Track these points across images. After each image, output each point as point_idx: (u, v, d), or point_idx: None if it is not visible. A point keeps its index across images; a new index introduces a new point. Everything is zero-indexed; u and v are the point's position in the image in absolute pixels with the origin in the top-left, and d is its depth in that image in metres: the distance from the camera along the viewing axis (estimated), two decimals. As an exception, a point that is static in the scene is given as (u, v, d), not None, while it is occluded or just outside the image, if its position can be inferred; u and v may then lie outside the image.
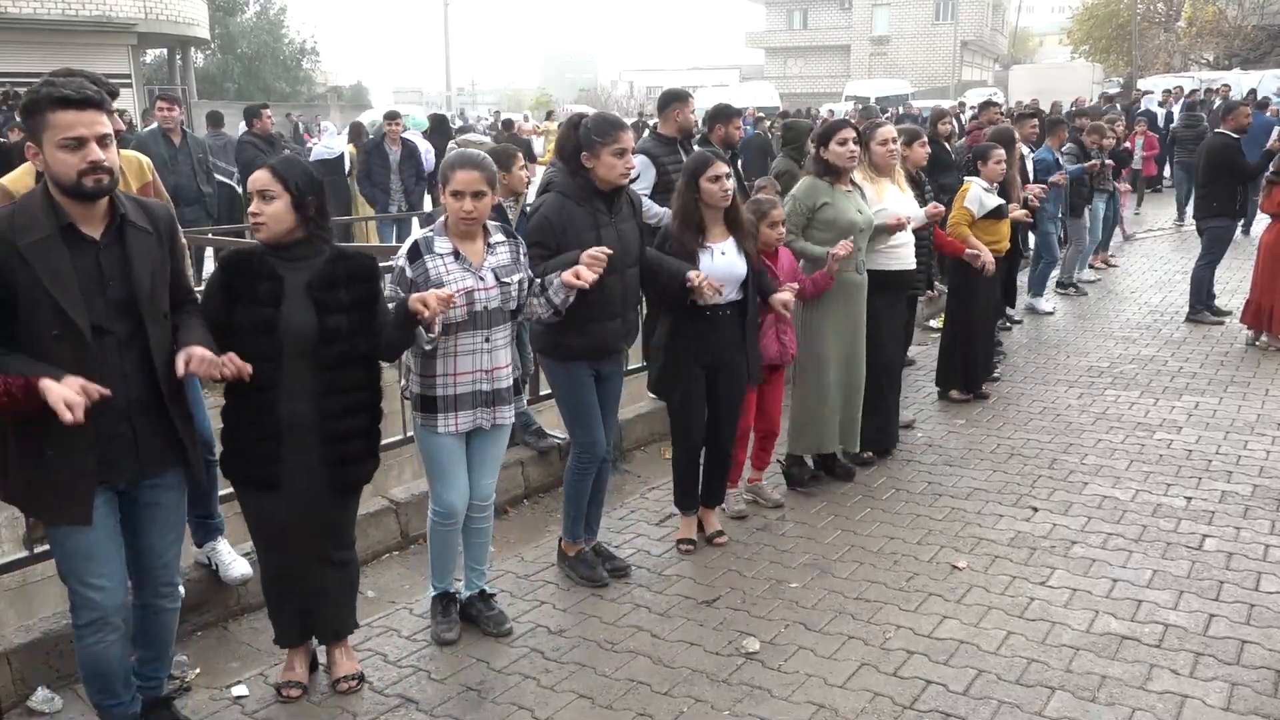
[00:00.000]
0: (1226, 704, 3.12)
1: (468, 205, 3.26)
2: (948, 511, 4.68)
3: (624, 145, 3.68)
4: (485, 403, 3.42)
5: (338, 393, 3.07)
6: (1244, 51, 36.63)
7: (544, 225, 3.71)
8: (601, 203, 3.76)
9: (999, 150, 6.22)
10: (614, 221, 3.77)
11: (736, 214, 4.10)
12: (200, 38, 30.43)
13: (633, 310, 3.94)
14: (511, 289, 3.41)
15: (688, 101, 6.13)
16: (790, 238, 4.71)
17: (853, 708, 3.16)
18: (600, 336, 3.78)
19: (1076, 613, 3.71)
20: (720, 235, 4.08)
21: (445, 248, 3.33)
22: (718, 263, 4.00)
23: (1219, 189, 8.08)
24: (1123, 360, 7.25)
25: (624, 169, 3.71)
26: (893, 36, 55.48)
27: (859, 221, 4.75)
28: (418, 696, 3.29)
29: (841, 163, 4.74)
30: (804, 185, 4.91)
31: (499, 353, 3.42)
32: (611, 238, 3.69)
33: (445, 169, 3.30)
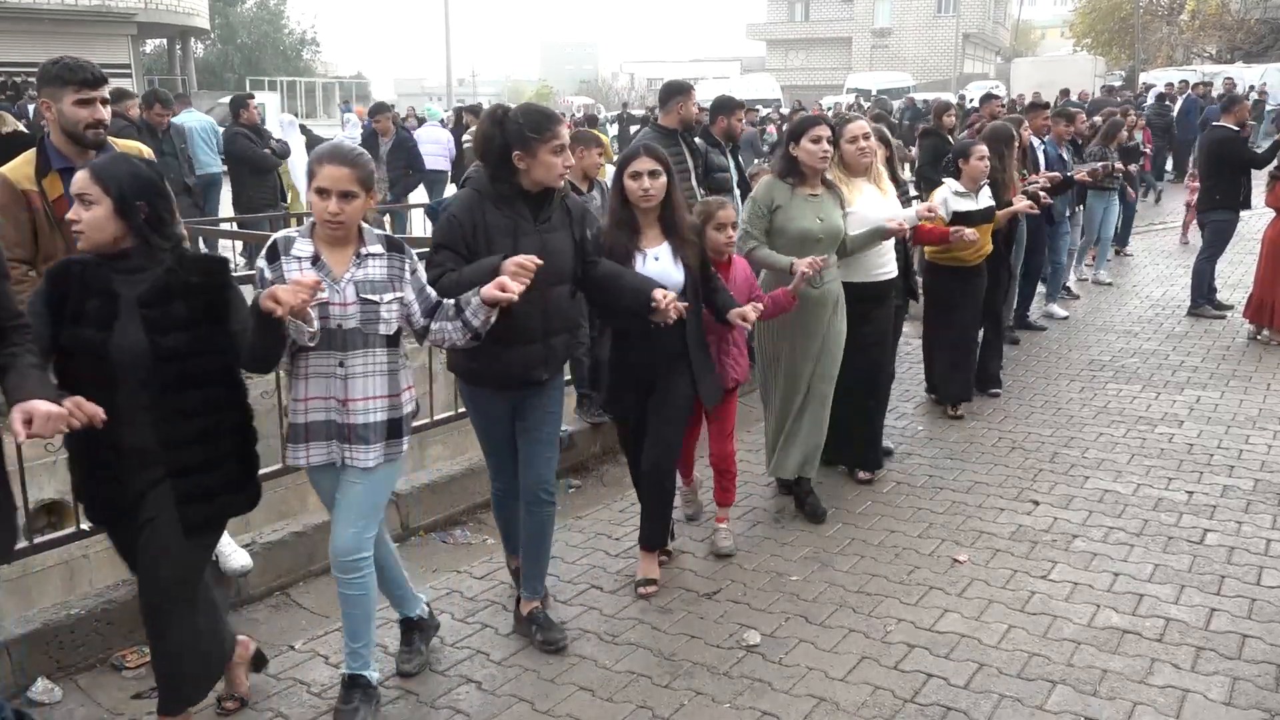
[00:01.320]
0: (1228, 698, 3.12)
1: (333, 206, 2.80)
2: (949, 505, 4.68)
3: (563, 140, 3.24)
4: (339, 437, 2.93)
5: (183, 418, 2.70)
6: (1246, 45, 36.56)
7: (453, 226, 3.22)
8: (526, 208, 3.26)
9: (980, 147, 5.69)
10: (539, 230, 3.26)
11: (671, 216, 3.72)
12: (200, 28, 30.40)
13: (558, 334, 3.38)
14: (379, 310, 2.90)
15: (690, 94, 6.11)
16: (751, 245, 4.28)
17: (853, 701, 3.16)
18: (513, 364, 3.28)
19: (1078, 607, 3.71)
20: (655, 239, 3.73)
21: (305, 250, 2.90)
22: (650, 269, 3.64)
23: (1221, 181, 8.06)
24: (1124, 354, 7.24)
25: (564, 168, 3.28)
26: (894, 29, 55.40)
27: (814, 230, 4.26)
28: (417, 689, 3.29)
29: (812, 163, 4.27)
30: (762, 185, 4.45)
31: (356, 382, 2.90)
32: (533, 249, 3.14)
33: (312, 162, 2.87)
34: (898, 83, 36.93)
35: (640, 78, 61.21)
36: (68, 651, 3.33)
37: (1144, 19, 39.69)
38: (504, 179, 3.23)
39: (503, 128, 3.21)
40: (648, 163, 3.64)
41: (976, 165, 5.61)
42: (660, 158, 3.67)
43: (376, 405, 2.94)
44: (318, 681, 3.34)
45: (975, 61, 56.00)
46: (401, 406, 3.02)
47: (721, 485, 4.30)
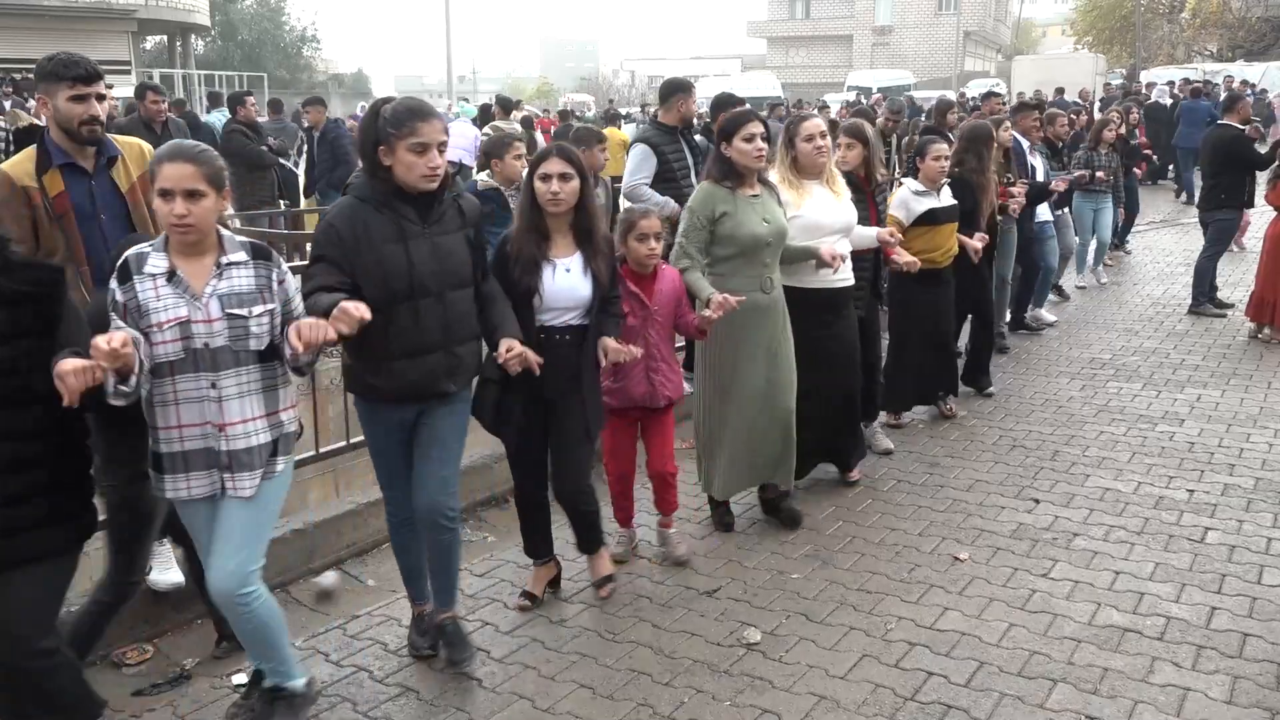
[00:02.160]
0: (1229, 697, 3.12)
1: (179, 207, 2.55)
2: (949, 503, 4.67)
3: (424, 139, 2.93)
4: (221, 465, 2.72)
5: None
6: (1247, 43, 36.53)
7: (330, 236, 2.97)
8: (411, 209, 3.03)
9: (939, 145, 5.40)
10: (429, 233, 3.05)
11: (584, 225, 3.49)
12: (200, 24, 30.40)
13: (462, 342, 3.17)
14: (248, 324, 2.67)
15: (690, 92, 6.12)
16: (685, 264, 3.97)
17: (854, 699, 3.16)
18: (413, 376, 3.07)
19: (1078, 605, 3.70)
20: (566, 248, 3.49)
21: (160, 266, 2.63)
22: (559, 281, 3.44)
23: (1226, 180, 8.04)
24: (1125, 352, 7.24)
25: (426, 169, 2.96)
26: (895, 26, 55.32)
27: (763, 234, 4.02)
28: (418, 686, 3.29)
29: (747, 162, 4.00)
30: (700, 193, 4.12)
31: (232, 404, 2.68)
32: (424, 253, 3.01)
33: (152, 164, 2.66)
34: (898, 80, 36.88)
35: (641, 75, 61.16)
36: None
37: (1145, 17, 39.68)
38: (379, 178, 3.02)
39: (376, 121, 3.01)
40: (559, 164, 3.40)
41: (932, 165, 5.36)
42: (574, 160, 3.42)
43: (258, 426, 2.74)
44: (318, 678, 3.33)
45: (976, 59, 55.94)
46: (283, 425, 2.82)
47: (663, 496, 4.13)
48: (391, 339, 3.00)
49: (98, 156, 3.42)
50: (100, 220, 3.38)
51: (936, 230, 5.42)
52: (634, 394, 3.90)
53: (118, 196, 3.43)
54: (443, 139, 2.99)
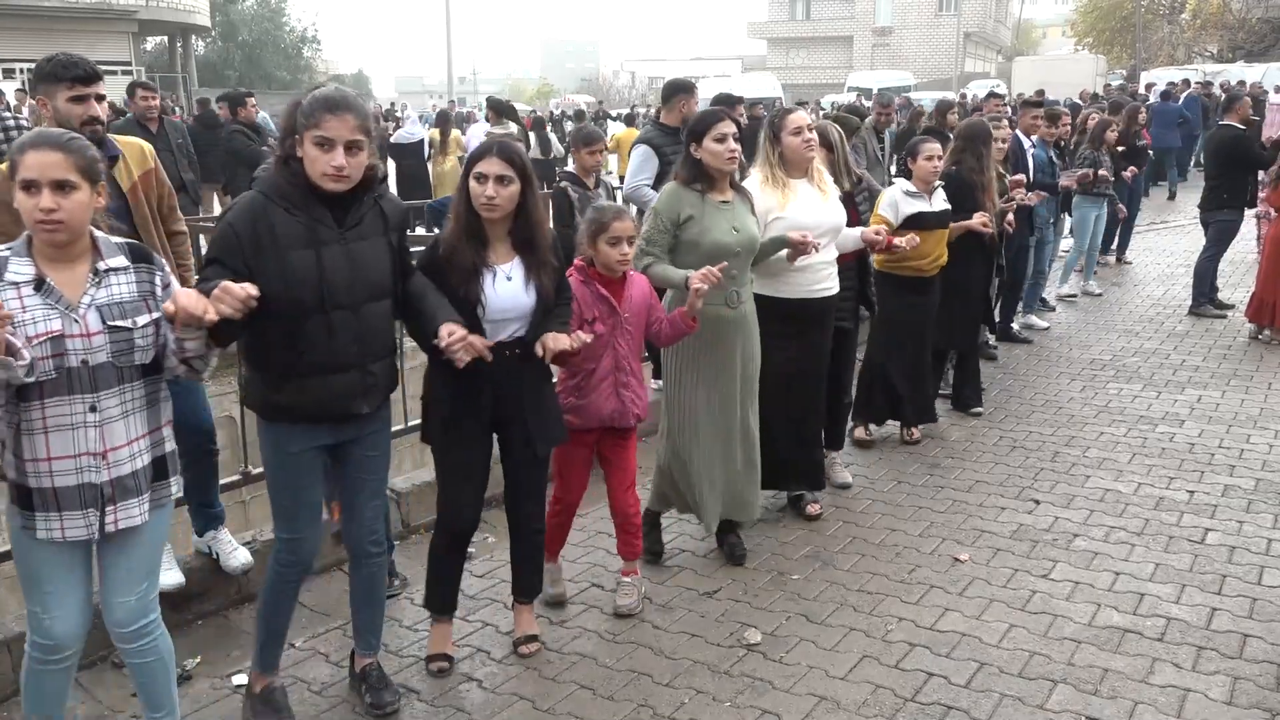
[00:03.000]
0: (1229, 698, 3.12)
1: (45, 200, 2.27)
2: (949, 504, 4.67)
3: (328, 134, 2.63)
4: (100, 500, 2.41)
5: None
6: (1248, 44, 36.54)
7: (228, 238, 2.66)
8: (326, 211, 2.73)
9: (931, 146, 5.11)
10: (345, 239, 2.75)
11: (525, 231, 3.16)
12: (201, 25, 30.43)
13: (379, 358, 2.88)
14: (134, 336, 2.40)
15: (693, 93, 6.13)
16: (647, 261, 3.71)
17: (854, 700, 3.16)
18: (321, 394, 2.76)
19: (1078, 606, 3.71)
20: (507, 254, 3.17)
21: (24, 273, 2.33)
22: (500, 290, 3.11)
23: (1228, 180, 8.04)
24: (1125, 353, 7.24)
25: (328, 168, 2.64)
26: (896, 28, 55.37)
27: (731, 243, 3.75)
28: (419, 687, 3.29)
29: (719, 164, 3.75)
30: (666, 194, 3.88)
31: (115, 427, 2.41)
32: (338, 261, 2.72)
33: (13, 153, 2.37)
34: (899, 81, 36.87)
35: (641, 76, 61.21)
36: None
37: (1145, 18, 39.70)
38: (290, 171, 2.72)
39: (296, 111, 2.72)
40: (496, 165, 3.05)
41: (924, 165, 5.09)
42: (515, 160, 3.08)
43: (141, 446, 2.49)
44: (318, 679, 3.33)
45: (976, 60, 55.98)
46: (164, 442, 2.57)
47: (625, 540, 3.77)
48: (299, 354, 2.71)
49: (98, 157, 3.41)
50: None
51: (924, 236, 4.97)
52: (601, 411, 3.53)
53: (118, 196, 3.42)
54: (354, 137, 2.65)
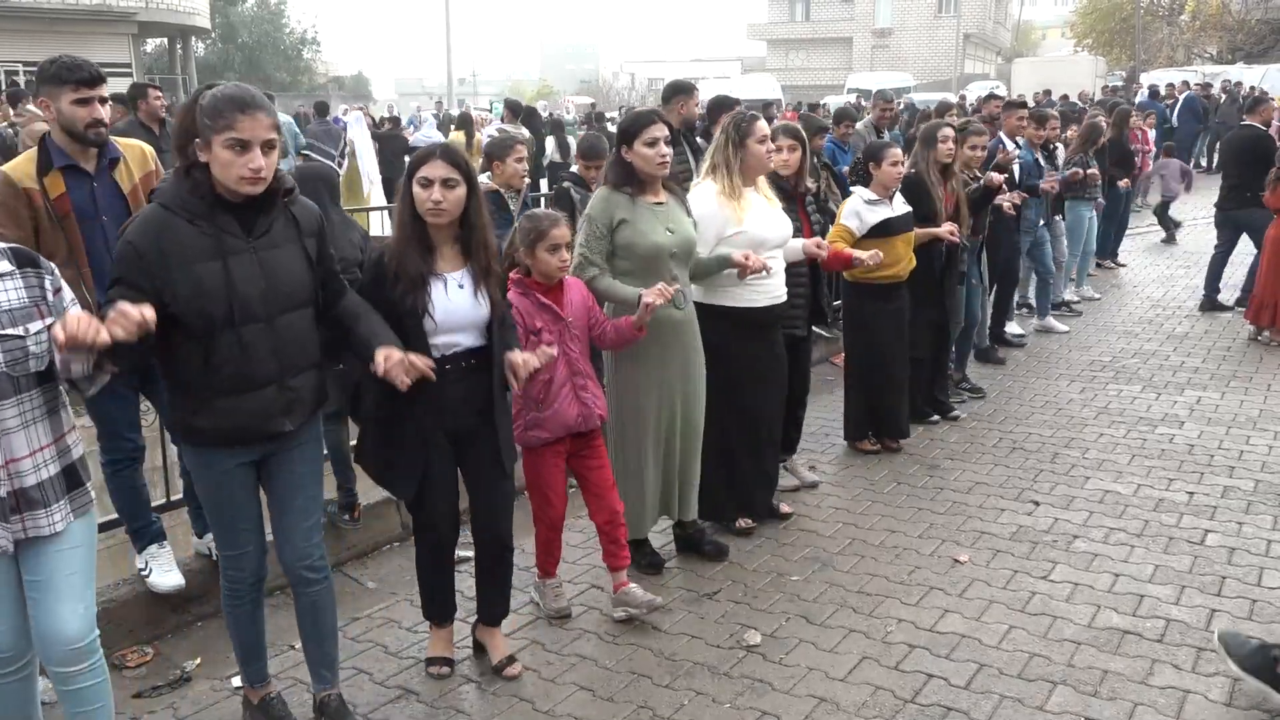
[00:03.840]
0: (1228, 699, 3.12)
1: None
2: (949, 505, 4.68)
3: (242, 134, 2.49)
4: (3, 513, 2.35)
5: None
6: (1247, 45, 36.56)
7: (129, 256, 2.52)
8: (232, 219, 2.60)
9: (895, 151, 5.02)
10: (254, 247, 2.62)
11: (472, 237, 3.07)
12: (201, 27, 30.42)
13: (299, 372, 2.75)
14: (28, 344, 2.33)
15: (693, 94, 6.12)
16: (592, 273, 3.66)
17: (854, 701, 3.16)
18: (238, 415, 2.65)
19: (1078, 607, 3.71)
20: (455, 262, 3.08)
21: None
22: (453, 299, 3.03)
23: (1250, 180, 8.01)
24: (1125, 355, 7.24)
25: (245, 171, 2.51)
26: (895, 29, 55.36)
27: (666, 244, 3.70)
28: (418, 688, 3.29)
29: (650, 169, 3.69)
30: (598, 199, 3.80)
31: (16, 437, 2.34)
32: (248, 271, 2.60)
33: None
34: (898, 83, 36.88)
35: (641, 78, 61.20)
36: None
37: (1145, 19, 39.71)
38: (193, 179, 2.58)
39: (193, 111, 2.56)
40: (441, 168, 2.95)
41: (890, 171, 4.98)
42: (459, 163, 3.00)
43: (47, 456, 2.41)
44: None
45: (976, 62, 55.96)
46: (70, 450, 2.50)
47: (612, 551, 3.68)
48: (212, 372, 2.59)
49: (99, 158, 3.43)
50: (102, 222, 3.39)
51: (892, 242, 4.99)
52: (567, 418, 3.49)
53: (119, 198, 3.44)
54: (268, 136, 2.54)
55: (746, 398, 4.22)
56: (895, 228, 5.03)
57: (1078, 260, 8.97)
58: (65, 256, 3.30)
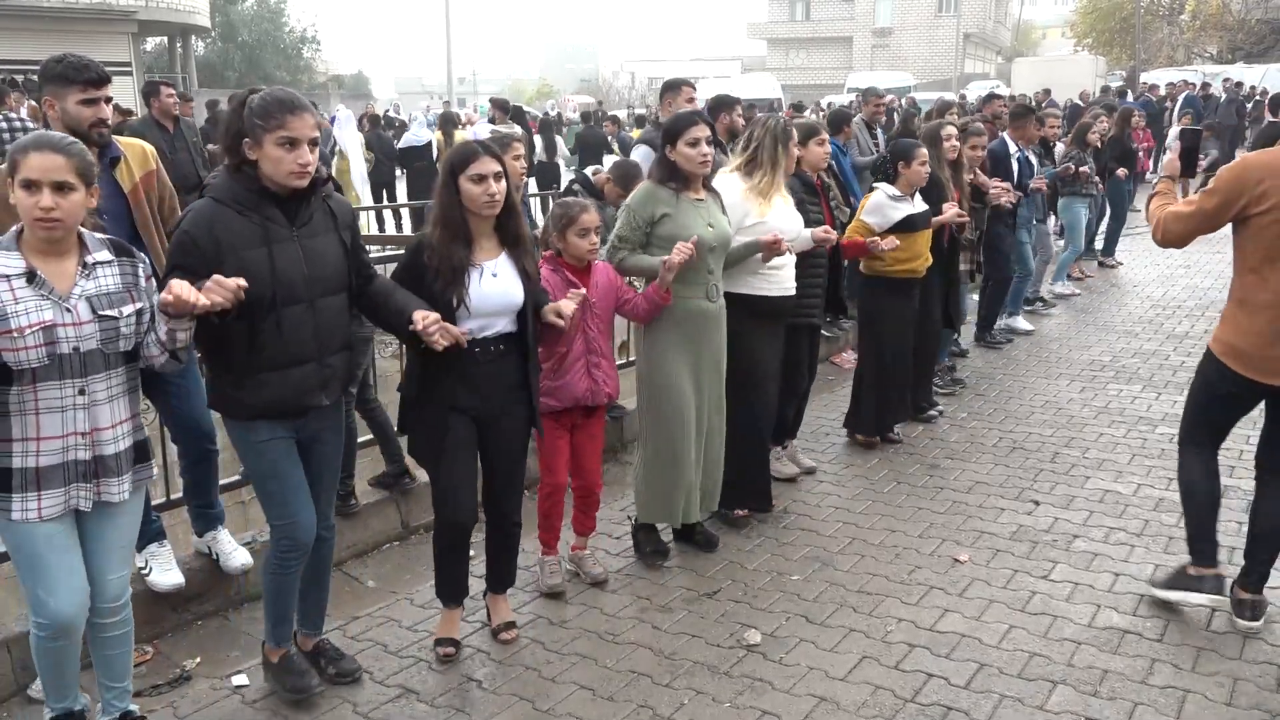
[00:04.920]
0: (1229, 699, 3.12)
1: (46, 200, 2.45)
2: (949, 505, 4.68)
3: (293, 133, 2.73)
4: (84, 475, 2.61)
5: None
6: (1247, 45, 36.58)
7: (186, 245, 2.75)
8: (277, 210, 2.84)
9: (923, 151, 5.15)
10: (297, 236, 2.87)
11: (512, 224, 3.28)
12: (201, 26, 30.41)
13: (335, 352, 3.00)
14: (120, 325, 2.59)
15: (681, 90, 6.09)
16: (622, 255, 3.89)
17: (854, 700, 3.16)
18: (281, 389, 2.88)
19: (1078, 607, 3.71)
20: (492, 250, 3.27)
21: (14, 266, 2.49)
22: (487, 287, 3.20)
23: None
24: (1125, 354, 7.24)
25: (295, 166, 2.75)
26: (895, 28, 55.39)
27: (708, 238, 3.85)
28: (418, 687, 3.29)
29: (692, 168, 3.86)
30: (641, 192, 3.98)
31: (103, 409, 2.60)
32: (291, 258, 2.83)
33: (14, 153, 2.52)
34: (898, 82, 36.89)
35: (641, 77, 61.18)
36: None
37: (1145, 19, 39.70)
38: (244, 174, 2.82)
39: (241, 114, 2.80)
40: (491, 163, 3.15)
41: (919, 171, 5.10)
42: (499, 157, 3.21)
43: (124, 430, 2.68)
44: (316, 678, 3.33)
45: (976, 61, 55.97)
46: (143, 427, 2.79)
47: (584, 509, 3.96)
48: (258, 350, 2.81)
49: (100, 157, 3.42)
50: (102, 220, 3.38)
51: (914, 238, 5.12)
52: (576, 391, 3.71)
53: (120, 197, 3.43)
54: (314, 135, 2.79)
55: (749, 389, 4.29)
56: (917, 224, 5.15)
57: (1079, 254, 9.01)
58: None
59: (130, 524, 2.79)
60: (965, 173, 5.94)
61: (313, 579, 3.28)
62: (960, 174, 5.82)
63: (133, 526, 2.81)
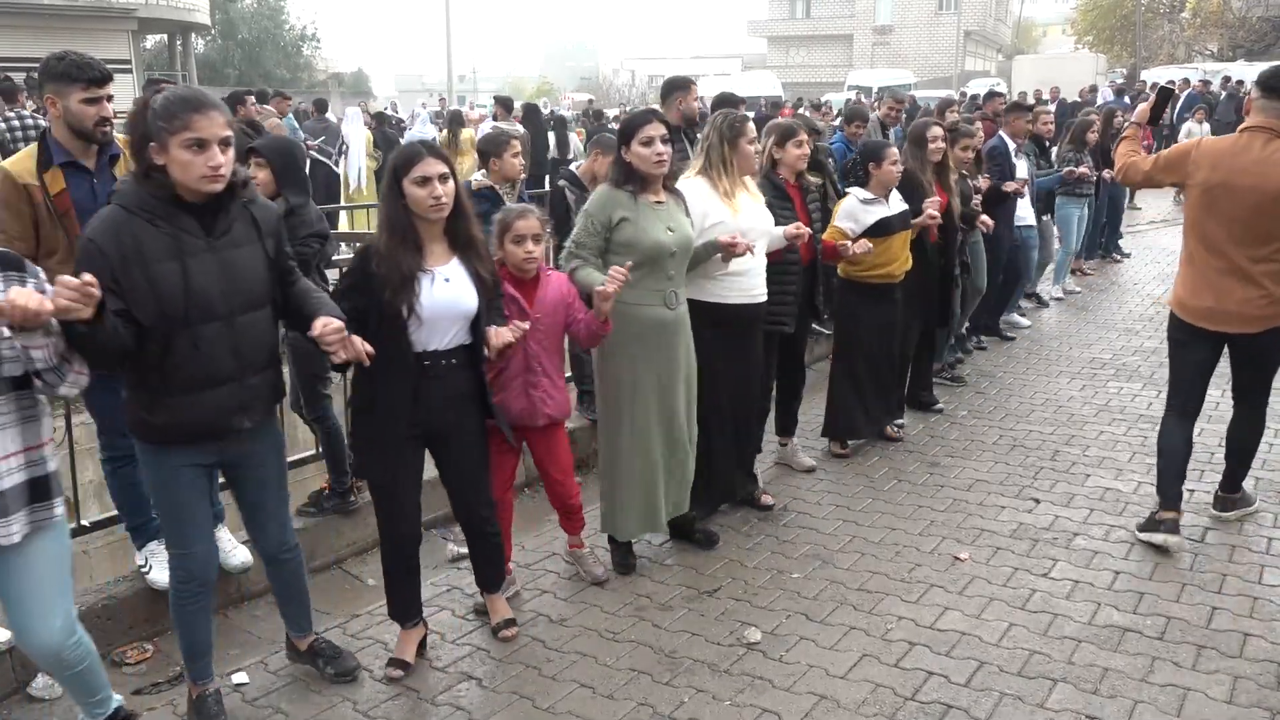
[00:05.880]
0: (1229, 697, 3.12)
1: None
2: (950, 503, 4.67)
3: (199, 134, 2.51)
4: None
5: None
6: (1248, 43, 36.56)
7: (91, 253, 2.52)
8: (192, 220, 2.61)
9: (893, 150, 4.96)
10: (215, 248, 2.64)
11: (461, 227, 3.13)
12: (201, 23, 30.42)
13: (258, 371, 2.79)
14: (0, 347, 2.36)
15: (690, 89, 6.07)
16: (575, 264, 3.67)
17: (854, 699, 3.16)
18: (197, 413, 2.67)
19: (1078, 604, 3.70)
20: (443, 255, 3.12)
21: None
22: (439, 294, 3.06)
23: None
24: (1125, 352, 7.24)
25: (205, 169, 2.53)
26: (896, 26, 55.33)
27: (668, 243, 3.69)
28: (418, 685, 3.29)
29: (647, 168, 3.68)
30: (598, 196, 3.82)
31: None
32: (207, 271, 2.61)
33: None
34: (899, 80, 36.87)
35: (641, 75, 61.14)
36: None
37: (1145, 16, 39.68)
38: (152, 181, 2.59)
39: (145, 114, 2.58)
40: (436, 165, 3.00)
41: (890, 171, 4.91)
42: (445, 157, 3.07)
43: (12, 464, 2.42)
44: (317, 677, 3.33)
45: (977, 59, 55.91)
46: (45, 462, 2.51)
47: (569, 515, 3.94)
48: (172, 371, 2.61)
49: (100, 155, 3.42)
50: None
51: (889, 241, 4.95)
52: (511, 409, 3.56)
53: (118, 196, 3.43)
54: (224, 134, 2.56)
55: (719, 394, 4.18)
56: (893, 226, 4.97)
57: (1071, 256, 9.00)
58: (65, 253, 3.29)
59: (37, 572, 2.52)
60: (952, 174, 5.81)
61: (287, 596, 3.22)
62: (946, 175, 5.61)
63: (41, 574, 2.53)
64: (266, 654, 3.46)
